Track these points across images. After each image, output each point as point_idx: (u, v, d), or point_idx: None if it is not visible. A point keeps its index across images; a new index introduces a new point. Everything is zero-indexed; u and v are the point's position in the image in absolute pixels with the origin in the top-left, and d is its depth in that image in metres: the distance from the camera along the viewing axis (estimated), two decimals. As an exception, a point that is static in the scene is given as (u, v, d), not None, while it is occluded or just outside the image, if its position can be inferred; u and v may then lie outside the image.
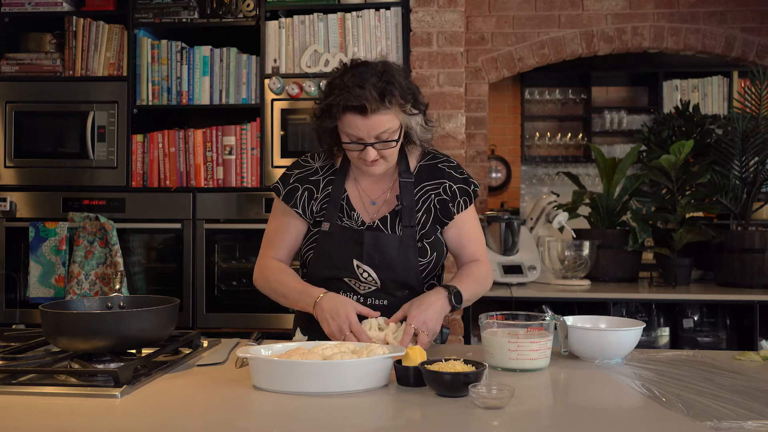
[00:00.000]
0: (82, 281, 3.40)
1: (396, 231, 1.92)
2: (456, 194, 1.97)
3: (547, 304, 3.53)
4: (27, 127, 3.56)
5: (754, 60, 4.29)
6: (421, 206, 1.96)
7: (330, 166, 2.00)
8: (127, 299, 1.85)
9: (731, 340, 3.64)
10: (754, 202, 3.68)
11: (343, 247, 1.91)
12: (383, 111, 1.80)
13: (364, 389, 1.46)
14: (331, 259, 1.93)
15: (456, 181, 1.98)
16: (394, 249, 1.89)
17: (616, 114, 6.57)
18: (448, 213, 1.96)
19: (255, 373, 1.50)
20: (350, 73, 1.82)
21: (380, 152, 1.85)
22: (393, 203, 1.96)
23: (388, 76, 1.81)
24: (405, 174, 1.97)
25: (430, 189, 1.97)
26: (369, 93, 1.77)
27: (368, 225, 1.93)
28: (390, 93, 1.79)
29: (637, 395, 1.45)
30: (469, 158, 4.37)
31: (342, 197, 1.95)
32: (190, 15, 3.53)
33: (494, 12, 4.40)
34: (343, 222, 1.94)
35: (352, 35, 3.44)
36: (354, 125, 1.81)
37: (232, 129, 3.51)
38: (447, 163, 2.01)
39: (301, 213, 1.96)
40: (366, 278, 1.91)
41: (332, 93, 1.83)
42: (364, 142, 1.83)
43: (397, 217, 1.93)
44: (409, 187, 1.95)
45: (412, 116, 1.87)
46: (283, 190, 1.98)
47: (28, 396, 1.43)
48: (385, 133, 1.82)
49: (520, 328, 1.66)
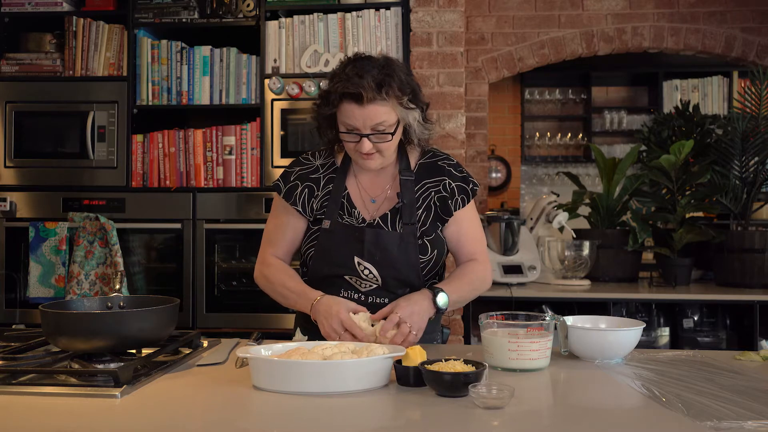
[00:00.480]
0: (82, 281, 3.40)
1: (396, 228, 1.93)
2: (455, 191, 1.97)
3: (547, 304, 3.53)
4: (27, 127, 3.56)
5: (754, 60, 4.29)
6: (422, 203, 1.96)
7: (331, 164, 2.01)
8: (127, 299, 1.85)
9: (731, 340, 3.64)
10: (754, 202, 3.68)
11: (344, 245, 1.92)
12: (380, 101, 1.82)
13: (364, 389, 1.46)
14: (332, 257, 1.93)
15: (455, 178, 1.99)
16: (394, 246, 1.90)
17: (616, 114, 6.57)
18: (448, 210, 1.97)
19: (255, 373, 1.50)
20: (352, 65, 1.86)
21: (376, 145, 1.87)
22: (393, 201, 1.96)
23: (389, 69, 1.84)
24: (405, 172, 1.98)
25: (431, 186, 1.98)
26: (366, 82, 1.80)
27: (369, 222, 1.93)
28: (388, 84, 1.81)
29: (637, 395, 1.45)
30: (469, 158, 4.37)
31: (342, 195, 1.96)
32: (190, 15, 3.53)
33: (494, 12, 4.40)
34: (344, 219, 1.94)
35: (352, 35, 3.44)
36: (350, 114, 1.83)
37: (232, 129, 3.51)
38: (447, 161, 2.02)
39: (301, 211, 1.96)
40: (367, 275, 1.91)
41: (332, 82, 1.88)
42: (360, 133, 1.84)
43: (398, 214, 1.94)
44: (409, 184, 1.96)
45: (410, 111, 1.88)
46: (284, 188, 1.99)
47: (28, 396, 1.43)
48: (382, 125, 1.84)
49: (520, 328, 1.66)
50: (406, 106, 1.86)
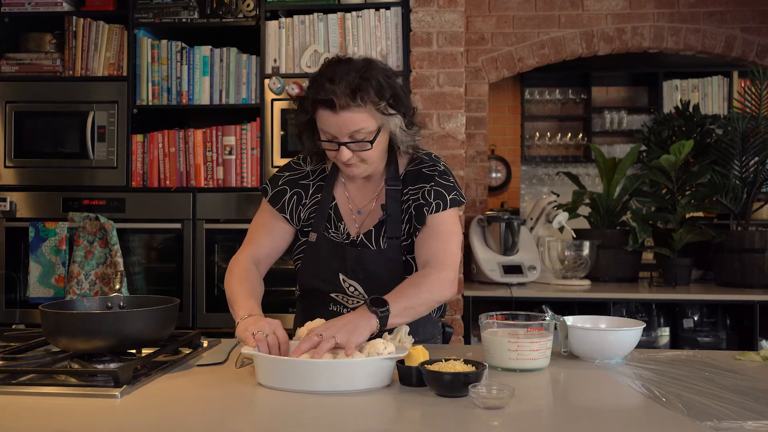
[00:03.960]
0: (82, 281, 3.40)
1: (381, 244, 1.85)
2: (431, 197, 1.84)
3: (547, 304, 3.53)
4: (27, 127, 3.56)
5: (754, 60, 4.29)
6: (404, 214, 1.86)
7: (321, 170, 1.94)
8: (127, 299, 1.84)
9: (731, 340, 3.65)
10: (754, 202, 3.68)
11: (328, 261, 1.87)
12: (354, 108, 1.71)
13: (369, 388, 1.46)
14: (317, 272, 1.89)
15: (437, 185, 1.85)
16: (378, 264, 1.84)
17: (616, 114, 6.57)
18: (421, 218, 1.84)
19: (260, 371, 1.50)
20: (329, 69, 1.76)
21: (357, 154, 1.76)
22: (378, 213, 1.87)
23: (366, 73, 1.72)
24: (391, 181, 1.87)
25: (411, 194, 1.86)
26: (339, 88, 1.69)
27: (352, 239, 1.86)
28: (363, 89, 1.70)
29: (637, 395, 1.45)
30: (469, 158, 4.37)
31: (330, 205, 1.90)
32: (190, 15, 3.53)
33: (494, 12, 4.40)
34: (330, 234, 1.88)
35: (352, 35, 3.44)
36: (326, 121, 1.74)
37: (232, 129, 3.51)
38: (432, 168, 1.88)
39: (288, 218, 1.91)
40: (353, 293, 1.87)
41: (308, 87, 1.79)
42: (338, 141, 1.74)
43: (383, 228, 1.85)
44: (395, 194, 1.86)
45: (390, 117, 1.76)
46: (271, 192, 1.93)
47: (28, 396, 1.43)
48: (360, 132, 1.73)
49: (520, 328, 1.66)
50: (384, 112, 1.74)
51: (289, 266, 2.03)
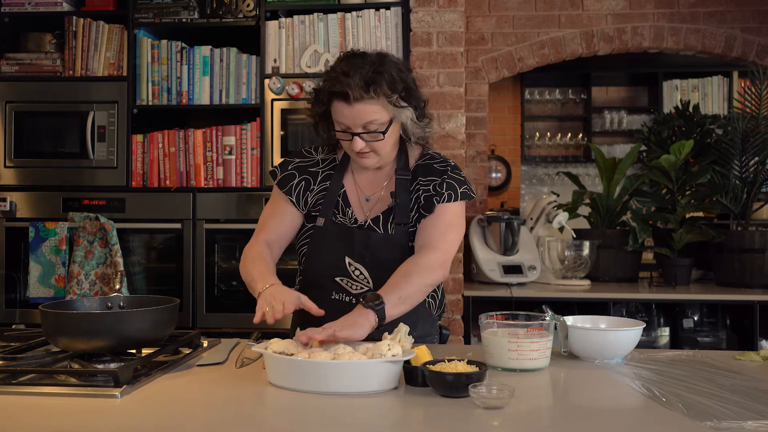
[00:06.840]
0: (82, 281, 3.40)
1: (389, 230, 1.90)
2: (443, 188, 1.91)
3: (547, 304, 3.53)
4: (27, 127, 3.56)
5: (754, 60, 4.28)
6: (414, 204, 1.93)
7: (331, 160, 2.00)
8: (127, 299, 1.85)
9: (731, 340, 3.65)
10: (754, 202, 3.68)
11: (335, 244, 1.91)
12: (368, 100, 1.78)
13: (381, 390, 1.46)
14: (323, 256, 1.92)
15: (449, 178, 1.93)
16: (384, 248, 1.88)
17: (616, 114, 6.57)
18: (430, 206, 1.90)
19: (271, 371, 1.50)
20: (344, 62, 1.84)
21: (370, 144, 1.84)
22: (387, 201, 1.94)
23: (380, 67, 1.80)
24: (402, 171, 1.95)
25: (422, 185, 1.93)
26: (353, 81, 1.77)
27: (360, 224, 1.92)
28: (376, 83, 1.78)
29: (637, 395, 1.45)
30: (469, 158, 4.36)
31: (339, 193, 1.95)
32: (190, 15, 3.53)
33: (494, 12, 4.40)
34: (337, 218, 1.93)
35: (352, 35, 3.44)
36: (340, 113, 1.82)
37: (232, 129, 3.51)
38: (444, 165, 1.96)
39: (294, 202, 1.95)
40: (358, 276, 1.90)
41: (324, 79, 1.87)
42: (352, 131, 1.82)
43: (391, 214, 1.91)
44: (405, 184, 1.93)
45: (402, 109, 1.83)
46: (280, 175, 1.99)
47: (28, 396, 1.43)
48: (372, 124, 1.81)
49: (520, 328, 1.66)
50: (396, 104, 1.82)
51: (289, 266, 2.03)
